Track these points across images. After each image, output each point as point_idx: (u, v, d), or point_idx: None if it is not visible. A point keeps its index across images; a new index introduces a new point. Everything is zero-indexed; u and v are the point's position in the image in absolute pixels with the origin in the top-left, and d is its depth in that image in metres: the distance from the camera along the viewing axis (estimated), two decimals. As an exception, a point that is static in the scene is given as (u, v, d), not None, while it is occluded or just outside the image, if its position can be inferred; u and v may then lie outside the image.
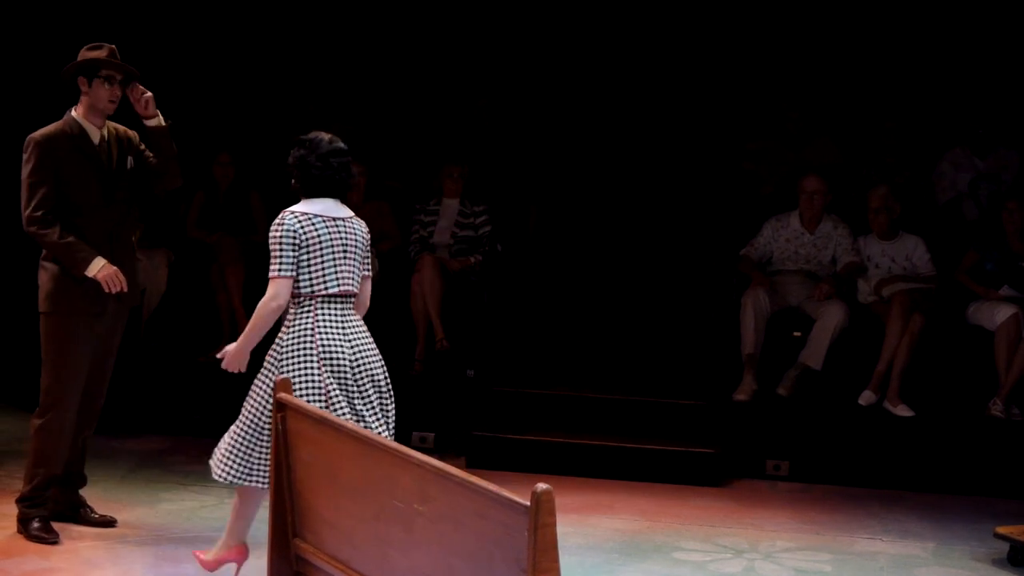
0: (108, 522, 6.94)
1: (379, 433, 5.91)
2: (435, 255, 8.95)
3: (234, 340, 6.24)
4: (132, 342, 7.80)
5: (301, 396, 5.77)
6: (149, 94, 6.61)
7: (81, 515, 6.92)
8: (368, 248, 6.11)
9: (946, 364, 8.48)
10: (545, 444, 8.31)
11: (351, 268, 5.93)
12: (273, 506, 5.44)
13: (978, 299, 8.48)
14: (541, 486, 4.00)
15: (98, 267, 6.51)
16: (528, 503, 4.03)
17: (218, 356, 6.02)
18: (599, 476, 8.11)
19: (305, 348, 5.84)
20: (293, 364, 5.84)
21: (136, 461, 7.65)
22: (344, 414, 5.84)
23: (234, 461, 5.93)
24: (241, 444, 5.92)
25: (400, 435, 7.17)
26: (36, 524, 6.68)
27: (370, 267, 6.15)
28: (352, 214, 6.07)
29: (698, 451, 8.27)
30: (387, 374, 6.15)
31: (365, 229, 6.08)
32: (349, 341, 5.95)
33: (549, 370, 9.09)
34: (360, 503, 5.05)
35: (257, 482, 5.91)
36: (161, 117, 6.69)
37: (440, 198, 9.22)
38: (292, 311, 5.88)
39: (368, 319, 8.85)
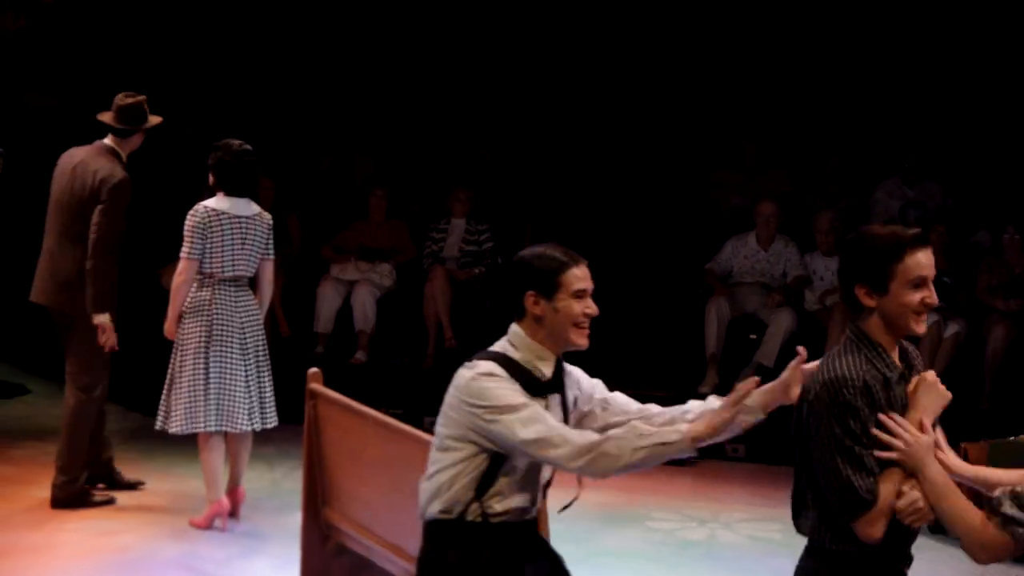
0: (134, 484, 7.01)
1: (262, 388, 6.36)
2: (445, 267, 8.97)
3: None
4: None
5: (183, 351, 6.22)
6: None
7: (112, 477, 7.01)
8: (270, 237, 6.36)
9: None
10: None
11: (247, 257, 6.22)
12: (306, 480, 5.46)
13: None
14: None
15: None
16: (522, 479, 4.07)
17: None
18: None
19: (200, 316, 6.16)
20: (187, 327, 6.18)
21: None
22: (223, 375, 6.20)
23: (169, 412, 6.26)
24: (168, 397, 6.26)
25: (413, 419, 7.20)
26: (94, 491, 6.80)
27: (271, 252, 6.38)
28: (259, 211, 6.34)
29: (668, 435, 8.26)
30: (265, 341, 6.44)
31: (268, 223, 6.35)
32: (239, 315, 6.23)
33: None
34: (379, 478, 5.08)
35: (189, 426, 6.20)
36: None
37: (449, 218, 9.22)
38: (195, 286, 6.18)
39: (387, 320, 8.87)
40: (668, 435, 3.43)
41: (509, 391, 3.53)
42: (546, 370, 3.65)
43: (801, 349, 3.44)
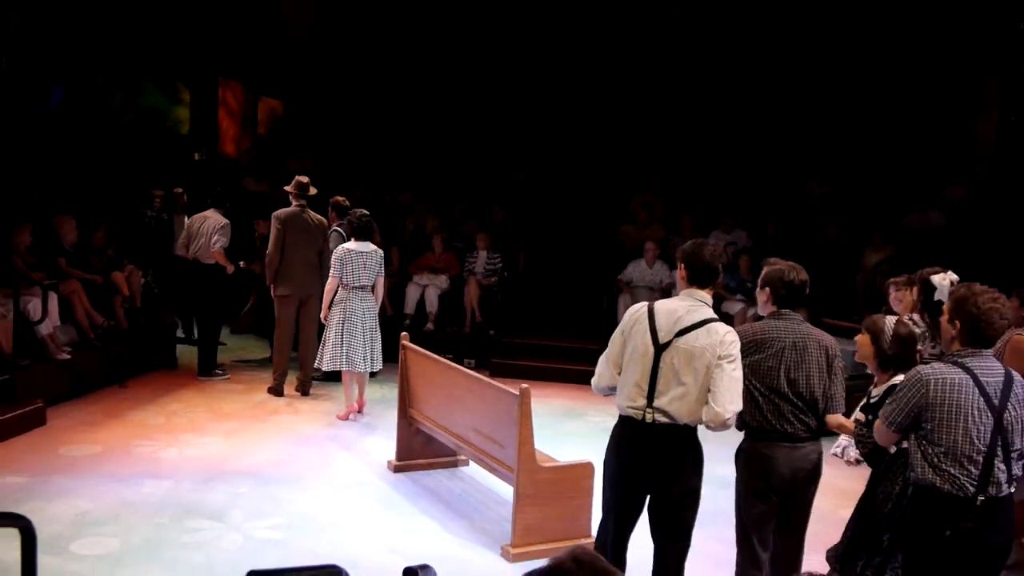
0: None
1: (374, 346, 6.22)
2: (476, 277, 8.92)
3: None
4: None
5: (330, 326, 6.14)
6: None
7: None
8: (381, 264, 6.21)
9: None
10: (528, 366, 8.28)
11: (367, 275, 6.14)
12: (400, 394, 5.51)
13: (725, 299, 8.48)
14: (523, 385, 4.21)
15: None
16: (518, 393, 4.13)
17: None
18: (553, 381, 8.07)
19: (340, 307, 6.14)
20: (333, 313, 6.16)
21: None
22: (350, 339, 6.10)
23: (323, 358, 6.27)
24: (323, 350, 6.25)
25: (459, 360, 7.19)
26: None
27: (382, 272, 6.25)
28: (374, 248, 6.21)
29: (597, 369, 8.25)
30: (378, 323, 6.27)
31: (380, 256, 6.22)
32: (362, 306, 6.16)
33: (530, 330, 9.04)
34: (440, 392, 5.15)
35: (333, 367, 6.22)
36: None
37: (477, 250, 9.16)
38: (339, 291, 6.16)
39: (444, 307, 8.85)
40: None
41: None
42: None
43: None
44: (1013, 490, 2.68)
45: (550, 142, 11.73)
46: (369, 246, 6.25)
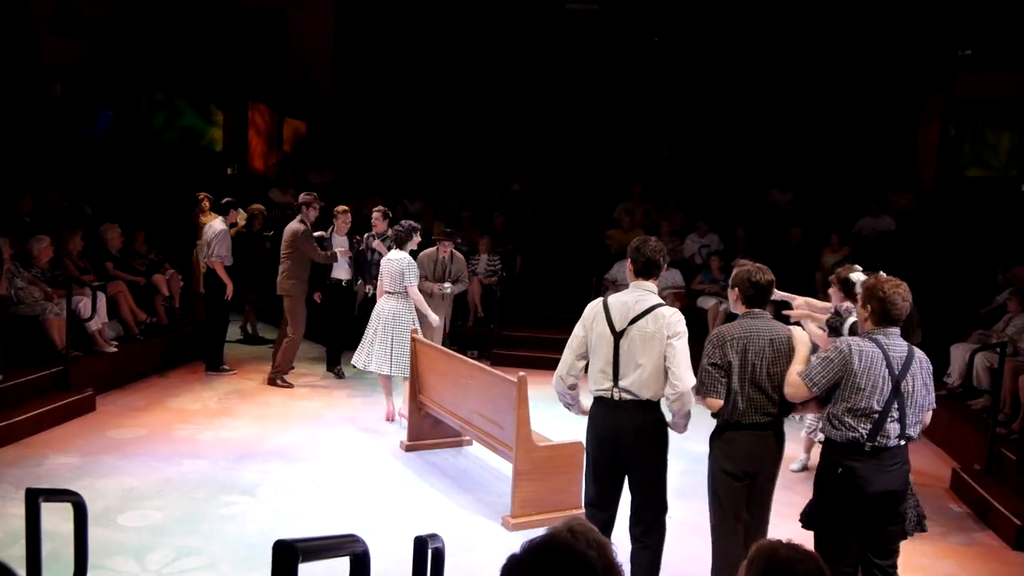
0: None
1: (393, 351, 5.61)
2: (479, 277, 8.86)
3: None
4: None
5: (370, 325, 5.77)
6: None
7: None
8: (404, 272, 5.64)
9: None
10: (525, 356, 8.24)
11: (388, 281, 5.74)
12: (411, 382, 5.46)
13: (700, 295, 8.44)
14: (520, 373, 4.17)
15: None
16: (516, 380, 4.09)
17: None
18: (548, 369, 7.81)
19: (375, 309, 5.80)
20: (374, 313, 5.77)
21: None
22: (378, 337, 5.67)
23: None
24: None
25: (462, 351, 7.14)
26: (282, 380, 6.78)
27: (411, 281, 5.65)
28: (401, 257, 5.67)
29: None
30: (403, 330, 5.64)
31: (403, 264, 5.66)
32: (384, 312, 5.72)
33: (527, 324, 8.98)
34: (446, 380, 5.09)
35: (380, 370, 5.84)
36: None
37: (479, 254, 9.11)
38: (382, 296, 5.81)
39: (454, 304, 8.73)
40: None
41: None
42: None
43: None
44: (903, 443, 2.86)
45: (544, 157, 11.79)
46: (399, 254, 5.70)
